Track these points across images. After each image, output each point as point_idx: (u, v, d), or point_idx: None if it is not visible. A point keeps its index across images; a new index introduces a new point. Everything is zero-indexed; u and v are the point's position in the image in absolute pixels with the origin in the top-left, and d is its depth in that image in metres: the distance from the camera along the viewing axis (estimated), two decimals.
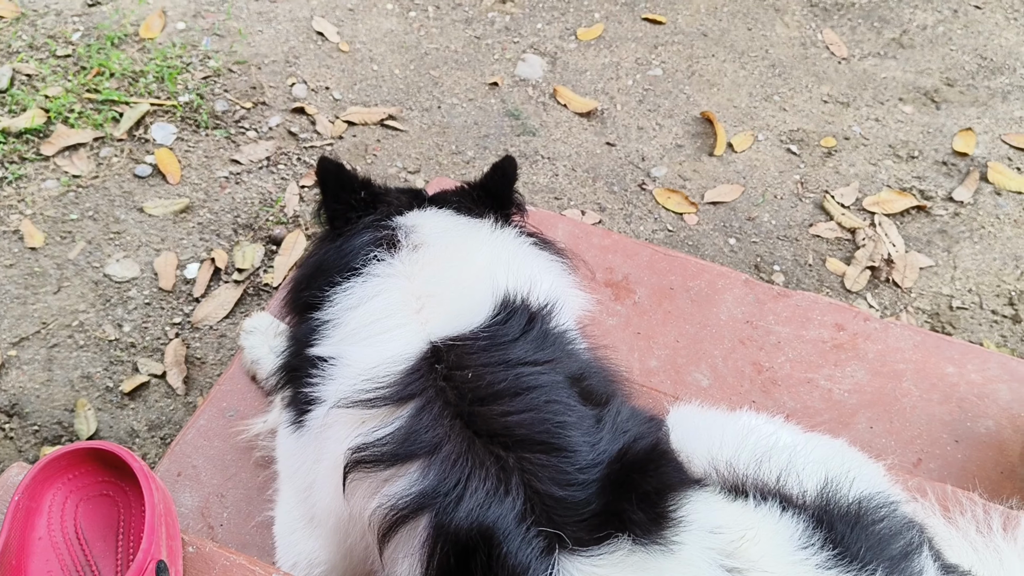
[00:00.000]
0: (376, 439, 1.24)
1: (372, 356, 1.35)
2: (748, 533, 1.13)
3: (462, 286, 1.46)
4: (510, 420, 1.22)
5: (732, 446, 1.36)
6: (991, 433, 1.97)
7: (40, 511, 1.13)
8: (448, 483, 1.16)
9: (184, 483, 1.72)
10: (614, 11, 3.70)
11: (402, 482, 1.20)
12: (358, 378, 1.33)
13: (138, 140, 3.07)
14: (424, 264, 1.49)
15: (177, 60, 3.32)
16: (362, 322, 1.42)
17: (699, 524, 1.14)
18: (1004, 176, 3.14)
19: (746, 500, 1.23)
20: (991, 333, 2.74)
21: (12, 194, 2.88)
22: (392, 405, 1.27)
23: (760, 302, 2.16)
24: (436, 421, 1.22)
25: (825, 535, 1.17)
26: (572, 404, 1.27)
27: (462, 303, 1.41)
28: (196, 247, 2.81)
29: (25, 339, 2.57)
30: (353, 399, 1.31)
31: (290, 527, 1.56)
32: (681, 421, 1.45)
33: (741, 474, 1.30)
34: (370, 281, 1.48)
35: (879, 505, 1.27)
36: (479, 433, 1.20)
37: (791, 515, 1.20)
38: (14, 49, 3.29)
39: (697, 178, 3.13)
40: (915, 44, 3.60)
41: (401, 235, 1.55)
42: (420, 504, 1.17)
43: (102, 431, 2.43)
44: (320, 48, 3.45)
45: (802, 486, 1.28)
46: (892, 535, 1.22)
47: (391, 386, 1.29)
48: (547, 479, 1.15)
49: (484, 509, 1.13)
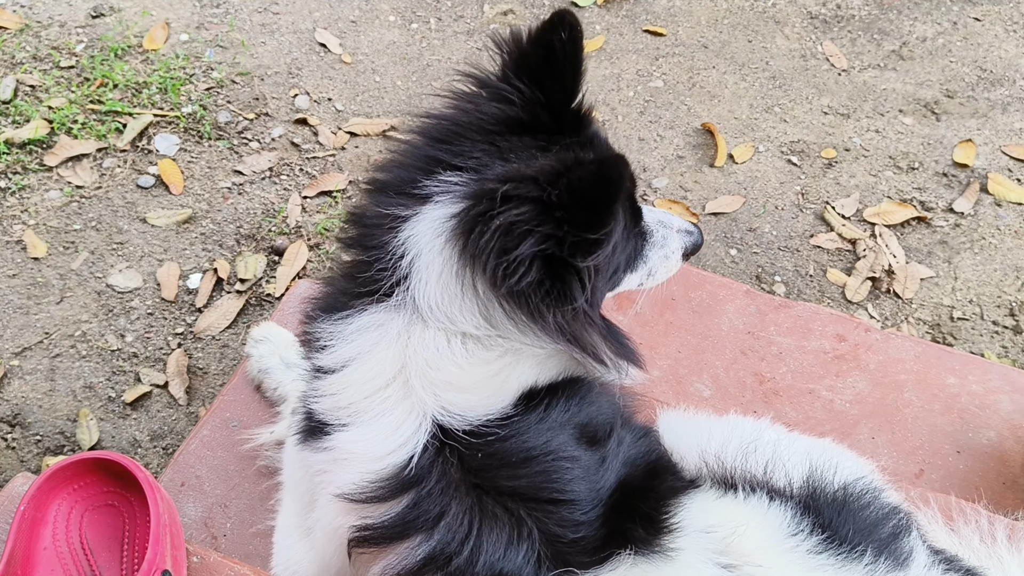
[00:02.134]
0: (381, 521, 1.19)
1: (377, 447, 1.20)
2: (739, 528, 1.16)
3: (479, 374, 1.24)
4: (518, 484, 1.18)
5: (719, 441, 1.38)
6: (993, 444, 1.97)
7: (45, 521, 1.13)
8: (454, 542, 1.13)
9: (188, 493, 1.72)
10: (615, 23, 3.71)
11: (404, 547, 1.17)
12: (363, 472, 1.20)
13: (141, 151, 3.08)
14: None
15: (180, 71, 3.34)
16: (362, 393, 1.24)
17: (694, 526, 1.16)
18: (1004, 187, 3.15)
19: (735, 493, 1.25)
20: (992, 344, 2.75)
21: (15, 204, 2.89)
22: (397, 498, 1.20)
23: (761, 313, 2.17)
24: (442, 495, 1.17)
25: (813, 521, 1.21)
26: (578, 457, 1.21)
27: (479, 394, 1.23)
28: (199, 257, 2.82)
29: (28, 349, 2.58)
30: (358, 498, 1.20)
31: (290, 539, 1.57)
32: (669, 425, 1.47)
33: (729, 467, 1.33)
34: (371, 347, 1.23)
35: (864, 491, 1.30)
36: (487, 492, 1.17)
37: (779, 504, 1.23)
38: (18, 60, 3.31)
39: (698, 189, 3.14)
40: (915, 56, 3.62)
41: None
42: (424, 567, 1.15)
43: (104, 441, 2.43)
44: (323, 59, 3.46)
45: (788, 476, 1.30)
46: (880, 518, 1.25)
47: (396, 480, 1.19)
48: (555, 524, 1.15)
49: (503, 560, 1.12)
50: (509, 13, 3.71)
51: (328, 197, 3.01)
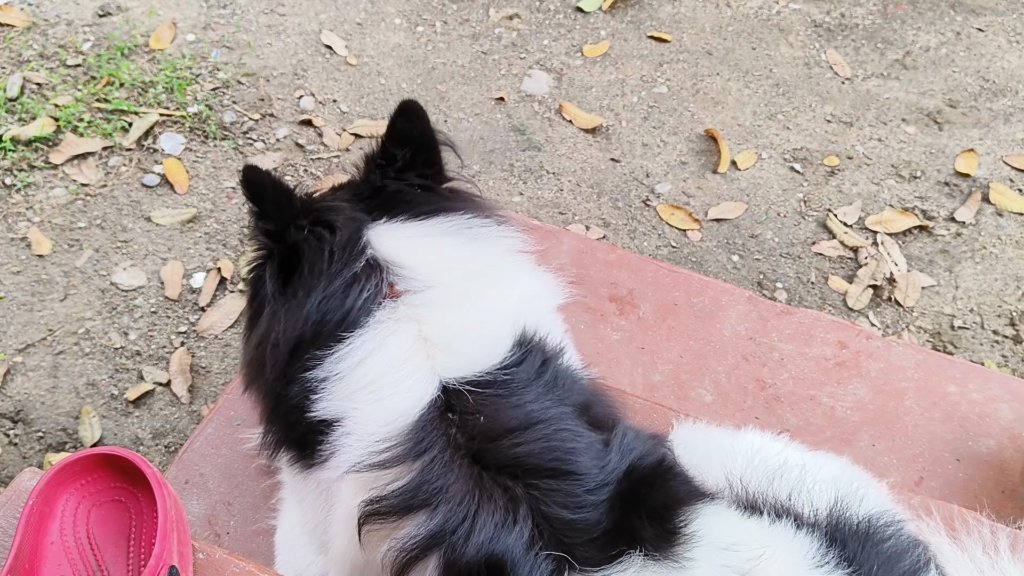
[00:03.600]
0: (390, 492, 1.23)
1: (383, 414, 1.28)
2: (766, 551, 1.14)
3: (474, 325, 1.37)
4: (519, 451, 1.21)
5: (743, 464, 1.36)
6: (992, 452, 1.98)
7: (53, 516, 1.14)
8: (455, 520, 1.16)
9: (191, 491, 1.73)
10: (620, 29, 3.73)
11: (411, 524, 1.20)
12: (371, 438, 1.27)
13: (147, 150, 3.09)
14: (430, 307, 1.36)
15: (186, 71, 3.35)
16: (369, 377, 1.32)
17: (712, 540, 1.14)
18: (1006, 197, 3.16)
19: (760, 517, 1.24)
20: (992, 353, 2.76)
21: (20, 201, 2.90)
22: (406, 463, 1.25)
23: (763, 319, 2.18)
24: (446, 467, 1.21)
25: (839, 553, 1.18)
26: (580, 431, 1.26)
27: (474, 346, 1.34)
28: (203, 256, 2.83)
29: (31, 346, 2.58)
30: (367, 463, 1.26)
31: (294, 542, 1.58)
32: (686, 439, 1.46)
33: (754, 491, 1.31)
34: (371, 331, 1.34)
35: (887, 523, 1.28)
36: (487, 467, 1.20)
37: (805, 532, 1.20)
38: (25, 58, 3.32)
39: (701, 195, 3.15)
40: (918, 65, 3.63)
41: (386, 268, 1.38)
42: (429, 544, 1.17)
43: (106, 439, 2.44)
44: (328, 61, 3.48)
45: (813, 504, 1.28)
46: (900, 552, 1.23)
47: (404, 443, 1.25)
48: (556, 504, 1.16)
49: (493, 542, 1.13)
50: (515, 17, 3.73)
51: None
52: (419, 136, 1.49)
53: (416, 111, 1.47)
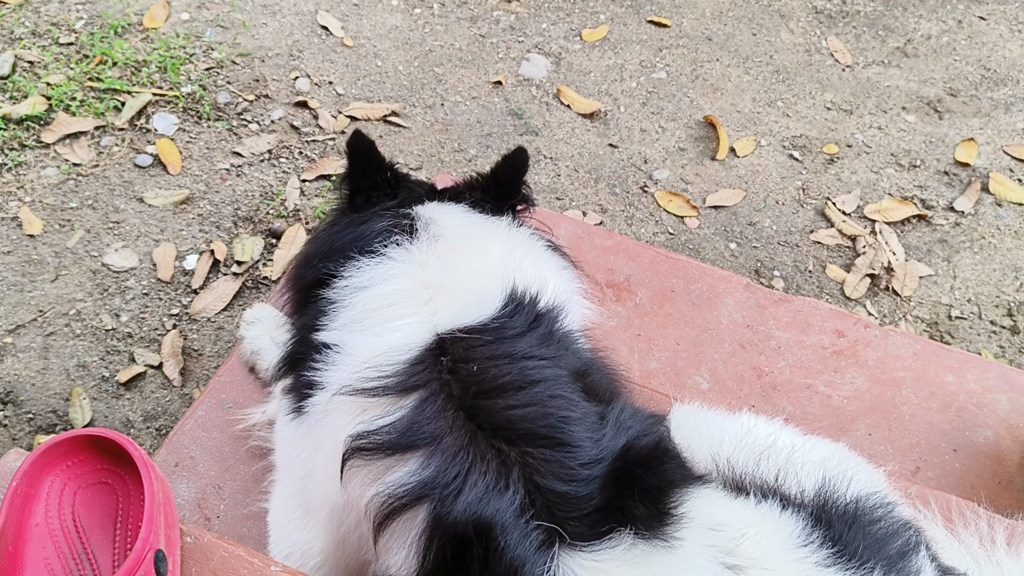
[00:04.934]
0: (377, 427, 1.24)
1: (377, 345, 1.34)
2: (749, 531, 1.14)
3: (472, 279, 1.46)
4: (514, 414, 1.22)
5: (731, 444, 1.36)
6: (989, 443, 1.97)
7: (38, 498, 1.12)
8: (448, 475, 1.16)
9: (181, 474, 1.71)
10: (619, 13, 3.69)
11: (401, 471, 1.19)
12: (362, 366, 1.33)
13: (139, 130, 3.06)
14: (438, 255, 1.49)
15: (180, 51, 3.31)
16: (370, 307, 1.42)
17: (700, 521, 1.14)
18: (1005, 187, 3.14)
19: (747, 498, 1.23)
20: (989, 343, 2.75)
21: (11, 181, 2.87)
22: (395, 395, 1.27)
23: (761, 307, 2.16)
24: (439, 413, 1.22)
25: (824, 533, 1.18)
26: (576, 400, 1.27)
27: (471, 296, 1.41)
28: (195, 238, 2.80)
29: (21, 327, 2.56)
30: (356, 387, 1.31)
31: (285, 517, 1.56)
32: (682, 420, 1.45)
33: (741, 472, 1.31)
34: (384, 263, 1.48)
35: (876, 505, 1.28)
36: (482, 426, 1.20)
37: (790, 513, 1.20)
38: (17, 35, 3.27)
39: (699, 182, 3.13)
40: (919, 53, 3.61)
41: (420, 224, 1.55)
42: (419, 494, 1.17)
43: (97, 421, 2.42)
44: (324, 42, 3.44)
45: (800, 485, 1.28)
46: (890, 534, 1.22)
47: (395, 376, 1.29)
48: (549, 474, 1.15)
49: (483, 503, 1.12)
50: (513, 0, 3.69)
51: (327, 181, 2.99)
52: (511, 179, 1.74)
53: (524, 158, 1.73)
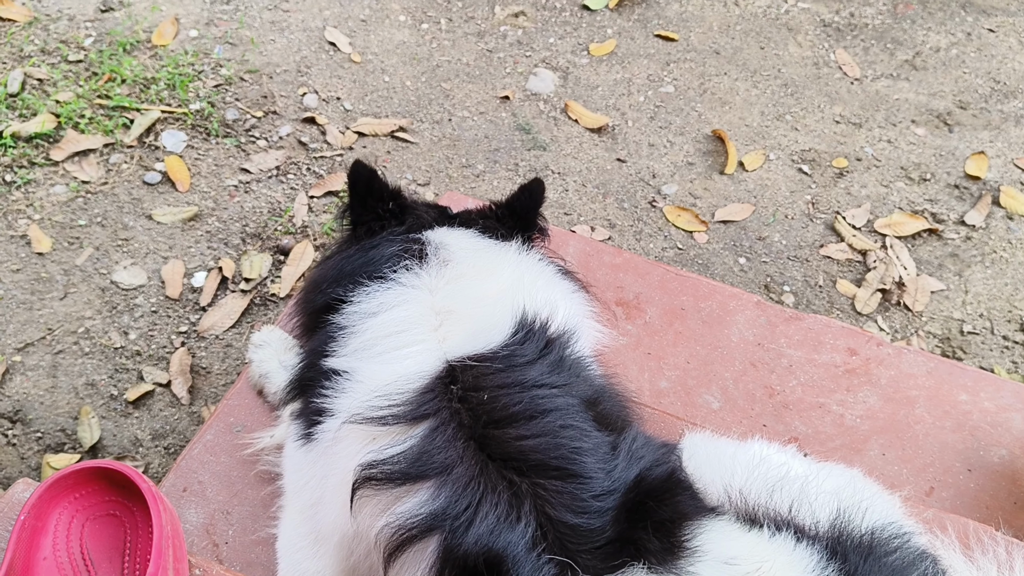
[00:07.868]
0: (387, 457, 1.23)
1: (387, 372, 1.33)
2: (764, 565, 1.12)
3: (483, 305, 1.45)
4: (524, 444, 1.21)
5: (744, 474, 1.34)
6: (1004, 462, 1.95)
7: (46, 530, 1.11)
8: (459, 506, 1.15)
9: (190, 499, 1.70)
10: (627, 27, 3.69)
11: (412, 502, 1.19)
12: (372, 394, 1.32)
13: (148, 147, 3.06)
14: (448, 280, 1.49)
15: (189, 68, 3.32)
16: (379, 333, 1.41)
17: (714, 555, 1.13)
18: (1016, 200, 3.12)
19: (761, 530, 1.22)
20: (1002, 359, 2.72)
21: (20, 198, 2.87)
22: (405, 424, 1.26)
23: (772, 324, 2.14)
24: (449, 443, 1.21)
25: (839, 566, 1.16)
26: (587, 429, 1.26)
27: (481, 322, 1.40)
28: (204, 256, 2.80)
29: (30, 345, 2.56)
30: (366, 415, 1.29)
31: (294, 545, 1.54)
32: (694, 450, 1.43)
33: (754, 503, 1.29)
34: (394, 289, 1.48)
35: (892, 536, 1.26)
36: (492, 457, 1.19)
37: (805, 546, 1.18)
38: (26, 53, 3.29)
39: (708, 196, 3.12)
40: (928, 66, 3.59)
41: (430, 249, 1.55)
42: (430, 525, 1.16)
43: (105, 439, 2.41)
44: (332, 58, 3.44)
45: (815, 516, 1.26)
46: (906, 566, 1.21)
47: (405, 404, 1.28)
48: (561, 506, 1.14)
49: (494, 535, 1.11)
50: (520, 15, 3.69)
51: (335, 197, 2.99)
52: (527, 210, 1.76)
53: (541, 189, 1.76)
